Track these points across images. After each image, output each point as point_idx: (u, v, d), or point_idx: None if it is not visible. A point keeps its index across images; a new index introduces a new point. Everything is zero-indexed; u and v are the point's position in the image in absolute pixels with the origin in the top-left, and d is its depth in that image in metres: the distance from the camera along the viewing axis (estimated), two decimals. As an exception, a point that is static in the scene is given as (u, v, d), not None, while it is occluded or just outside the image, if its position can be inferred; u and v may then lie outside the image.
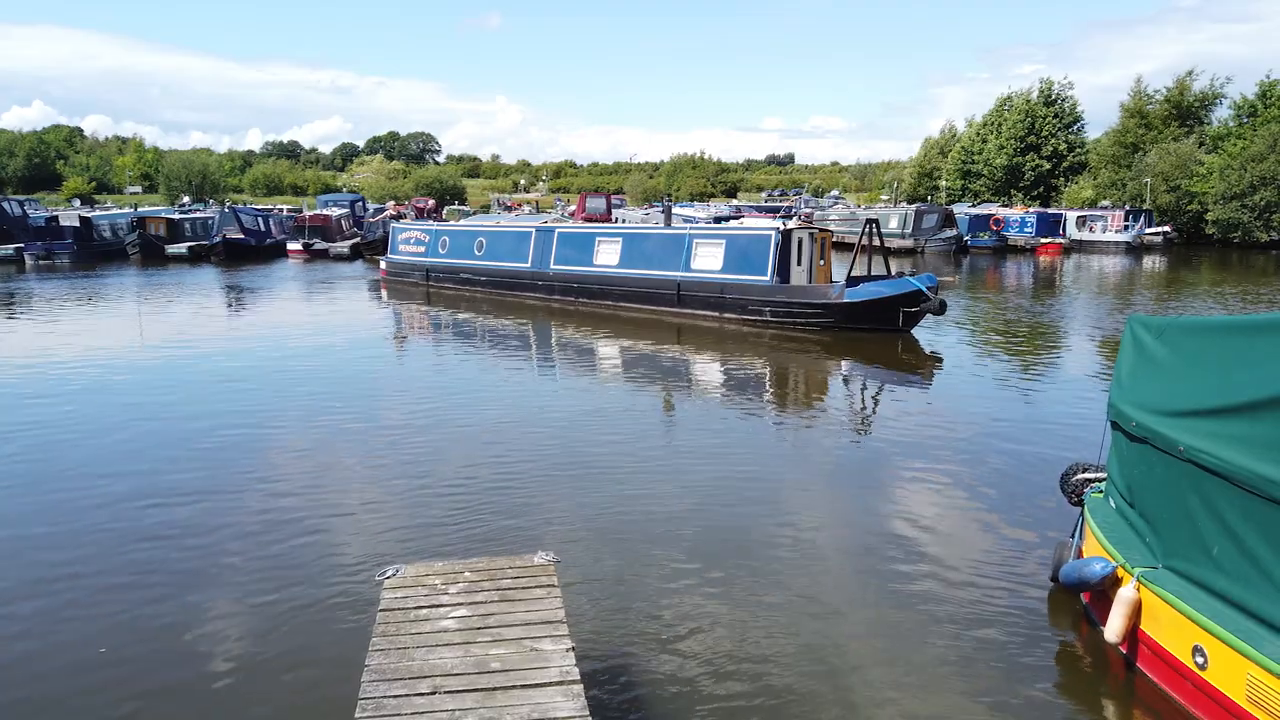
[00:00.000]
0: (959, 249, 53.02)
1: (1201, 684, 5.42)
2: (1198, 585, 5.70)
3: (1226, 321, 6.16)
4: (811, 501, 9.77)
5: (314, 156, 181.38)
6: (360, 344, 20.53)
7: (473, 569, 5.50)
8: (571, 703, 4.06)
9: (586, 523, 8.90)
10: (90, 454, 11.30)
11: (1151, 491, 6.37)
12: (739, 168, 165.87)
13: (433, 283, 31.86)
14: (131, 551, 8.22)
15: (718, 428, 12.88)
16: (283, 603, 7.17)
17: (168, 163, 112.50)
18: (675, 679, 6.07)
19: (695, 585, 7.50)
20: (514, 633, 4.71)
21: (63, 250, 45.06)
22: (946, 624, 6.86)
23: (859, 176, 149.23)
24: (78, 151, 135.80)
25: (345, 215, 54.68)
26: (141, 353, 19.01)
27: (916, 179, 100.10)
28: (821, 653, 6.44)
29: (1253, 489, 5.21)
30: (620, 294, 25.85)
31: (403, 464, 10.88)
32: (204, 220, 50.36)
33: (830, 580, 7.71)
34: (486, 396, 15.01)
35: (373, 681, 4.24)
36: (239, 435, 12.15)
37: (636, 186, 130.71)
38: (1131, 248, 54.48)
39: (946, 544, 8.43)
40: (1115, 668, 6.28)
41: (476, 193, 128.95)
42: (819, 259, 23.63)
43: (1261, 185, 55.79)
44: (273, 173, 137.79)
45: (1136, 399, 6.66)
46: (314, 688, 6.00)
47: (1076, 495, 7.99)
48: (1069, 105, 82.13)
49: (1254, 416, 5.32)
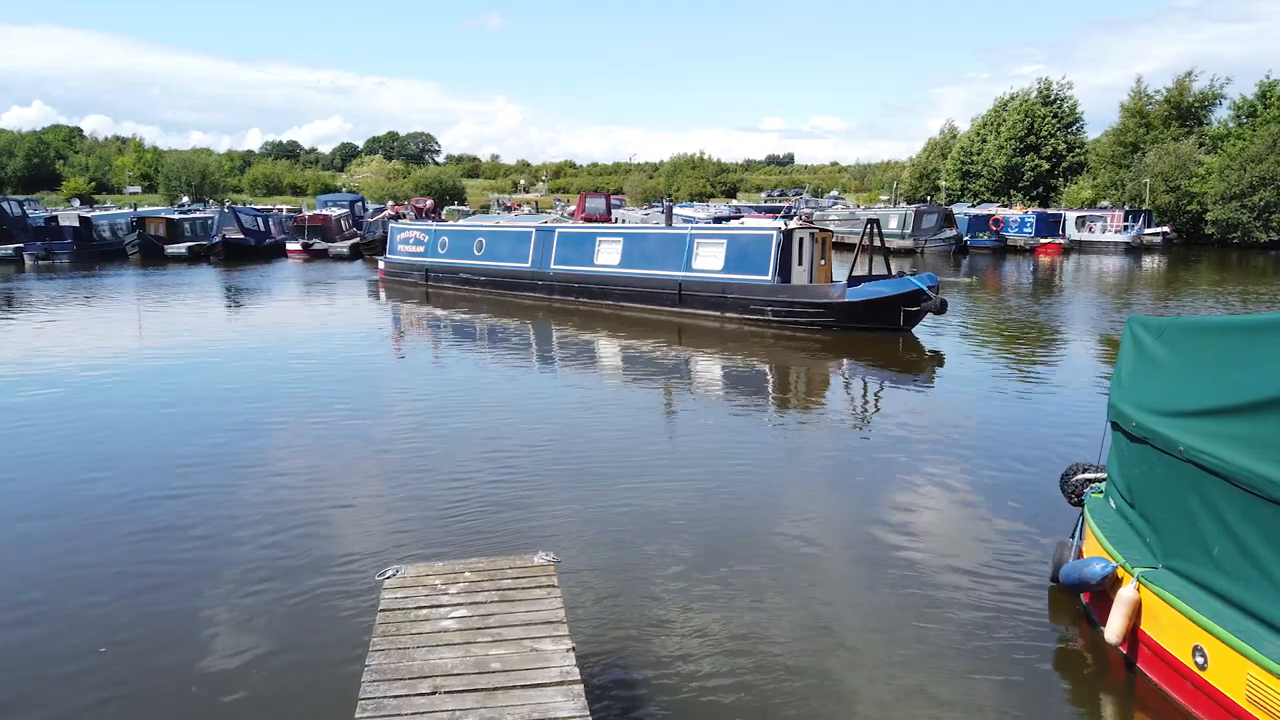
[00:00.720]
0: (958, 249, 53.01)
1: (1201, 684, 5.42)
2: (1198, 585, 5.70)
3: (1226, 321, 6.16)
4: (812, 501, 9.77)
5: (313, 156, 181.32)
6: (360, 343, 20.53)
7: (473, 569, 5.51)
8: (572, 703, 4.06)
9: (588, 522, 8.90)
10: (85, 453, 11.30)
11: (1151, 492, 6.37)
12: (738, 168, 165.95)
13: (432, 283, 31.87)
14: (127, 548, 8.22)
15: (719, 427, 12.88)
16: (282, 603, 7.17)
17: (167, 163, 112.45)
18: (676, 679, 6.07)
19: (696, 585, 7.50)
20: (514, 633, 4.71)
21: (62, 250, 45.05)
22: (946, 624, 6.86)
23: (858, 177, 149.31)
24: (77, 151, 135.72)
25: (345, 215, 54.66)
26: (140, 352, 19.00)
27: (916, 179, 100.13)
28: (820, 652, 6.44)
29: (1252, 489, 5.21)
30: (621, 294, 25.90)
31: (404, 463, 10.88)
32: (204, 220, 50.33)
33: (829, 579, 7.72)
34: (487, 395, 15.01)
35: (373, 681, 4.24)
36: (237, 435, 12.13)
37: (636, 187, 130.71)
38: (1131, 248, 54.49)
39: (946, 544, 8.43)
40: (1115, 668, 6.29)
41: (476, 193, 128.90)
42: (820, 259, 23.73)
43: (1261, 185, 55.80)
44: (272, 173, 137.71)
45: (1136, 399, 6.66)
46: (314, 688, 6.00)
47: (1076, 495, 8.00)
48: (1068, 105, 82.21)
49: (1254, 416, 5.33)
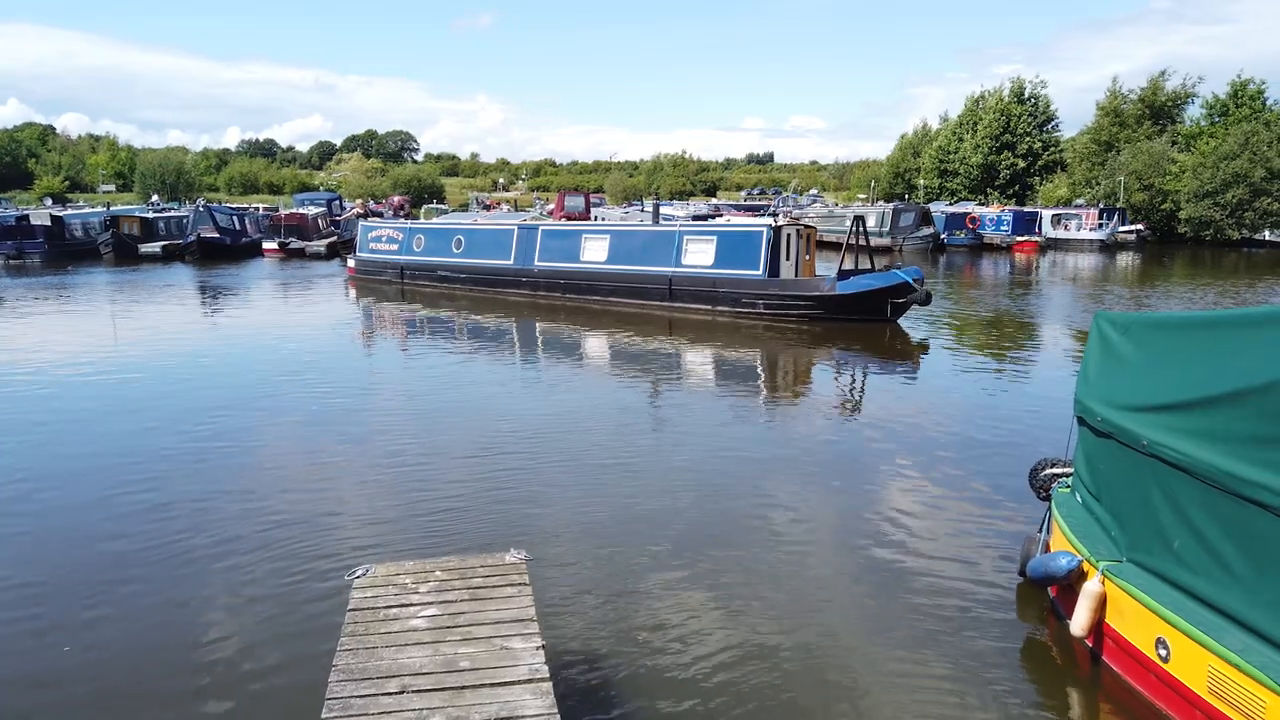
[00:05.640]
0: (936, 247, 53.38)
1: (1164, 675, 5.51)
2: (1161, 578, 5.79)
3: (1190, 317, 6.26)
4: (786, 496, 9.81)
5: (291, 155, 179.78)
6: (338, 341, 20.41)
7: (443, 568, 5.50)
8: (540, 700, 4.07)
9: (564, 517, 8.90)
10: (48, 457, 11.19)
11: (1116, 486, 6.45)
12: (719, 167, 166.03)
13: (407, 280, 31.79)
14: (97, 549, 8.16)
15: (704, 418, 12.92)
16: (251, 605, 7.14)
17: (142, 161, 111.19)
18: (647, 675, 6.09)
19: (670, 581, 7.52)
20: (484, 631, 4.71)
21: (33, 250, 44.51)
22: (913, 616, 6.93)
23: (837, 175, 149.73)
24: (50, 150, 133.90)
25: (322, 214, 54.37)
26: (106, 353, 18.81)
27: (892, 177, 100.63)
28: (789, 647, 6.48)
29: (1213, 482, 5.30)
30: (609, 289, 26.26)
31: (380, 460, 10.84)
32: (179, 219, 49.87)
33: (801, 575, 7.76)
34: (470, 389, 14.96)
35: (340, 681, 4.23)
36: (205, 435, 12.03)
37: (616, 185, 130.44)
38: (1105, 245, 55.00)
39: (917, 538, 8.50)
40: (1081, 661, 6.37)
41: (455, 191, 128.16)
42: (805, 254, 24.56)
43: (1233, 183, 56.52)
44: (249, 171, 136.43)
45: (1102, 394, 6.74)
46: (283, 689, 5.97)
47: (1044, 490, 8.08)
48: (1042, 104, 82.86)
49: (1213, 411, 5.41)
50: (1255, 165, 55.78)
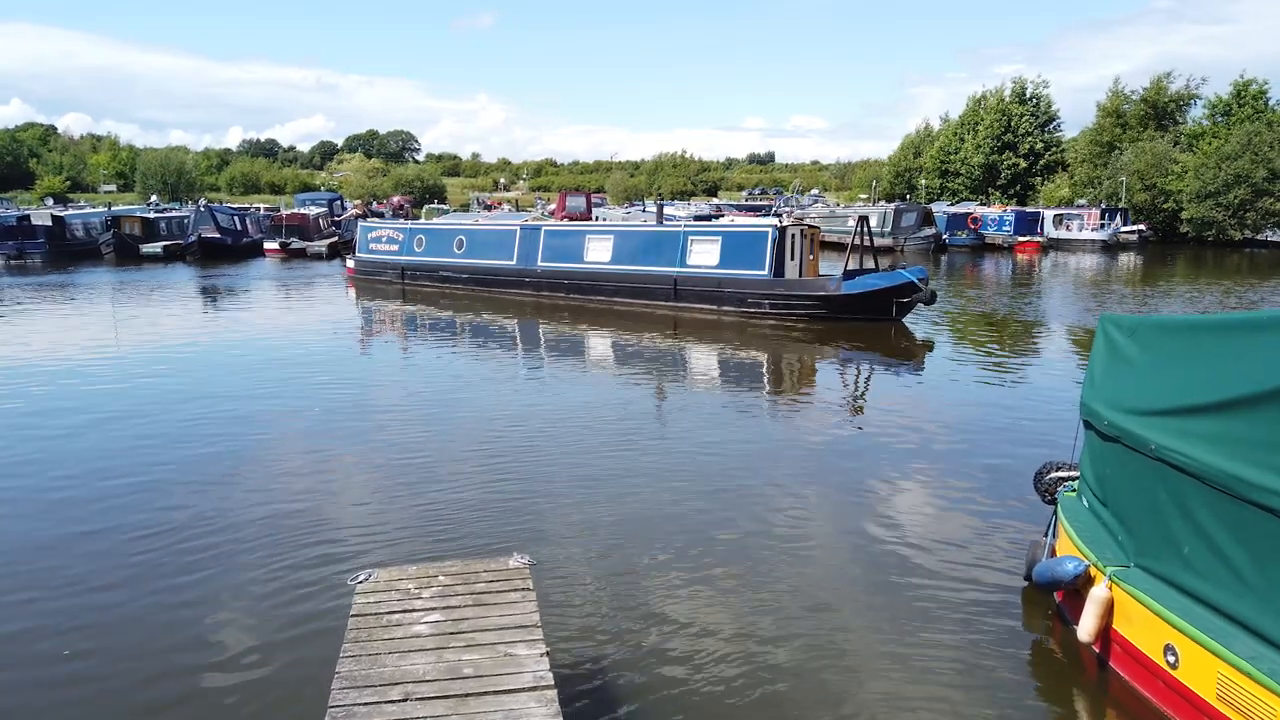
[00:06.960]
0: (937, 247, 53.30)
1: (1173, 682, 5.46)
2: (1169, 584, 5.74)
3: (1197, 320, 6.20)
4: (791, 498, 9.76)
5: (292, 155, 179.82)
6: (339, 340, 20.39)
7: (446, 573, 5.46)
8: (545, 708, 4.03)
9: (568, 519, 8.86)
10: (48, 457, 11.17)
11: (1123, 490, 6.41)
12: (720, 166, 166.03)
13: (408, 281, 31.78)
14: (97, 549, 8.13)
15: (711, 418, 12.88)
16: (252, 610, 7.10)
17: (143, 161, 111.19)
18: (652, 681, 6.05)
19: (676, 585, 7.48)
20: (488, 638, 4.67)
21: (35, 250, 44.55)
22: (919, 622, 6.88)
23: (839, 175, 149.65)
24: (51, 150, 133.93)
25: (323, 214, 54.39)
26: (110, 353, 18.78)
27: (894, 177, 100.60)
28: (794, 652, 6.44)
29: (1222, 487, 5.25)
30: (613, 289, 26.33)
31: (383, 460, 10.80)
32: (180, 219, 49.90)
33: (806, 578, 7.71)
34: (470, 391, 14.92)
35: (343, 689, 4.20)
36: (207, 437, 12.00)
37: (617, 185, 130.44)
38: (1108, 246, 54.95)
39: (922, 542, 8.45)
40: (1088, 666, 6.32)
41: (456, 191, 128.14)
42: (809, 254, 24.71)
43: (1235, 184, 56.45)
44: (250, 171, 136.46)
45: (1108, 398, 6.69)
46: (286, 697, 5.94)
47: (1050, 494, 8.03)
48: (1044, 104, 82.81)
49: (1223, 415, 5.37)
50: (1257, 166, 55.72)
